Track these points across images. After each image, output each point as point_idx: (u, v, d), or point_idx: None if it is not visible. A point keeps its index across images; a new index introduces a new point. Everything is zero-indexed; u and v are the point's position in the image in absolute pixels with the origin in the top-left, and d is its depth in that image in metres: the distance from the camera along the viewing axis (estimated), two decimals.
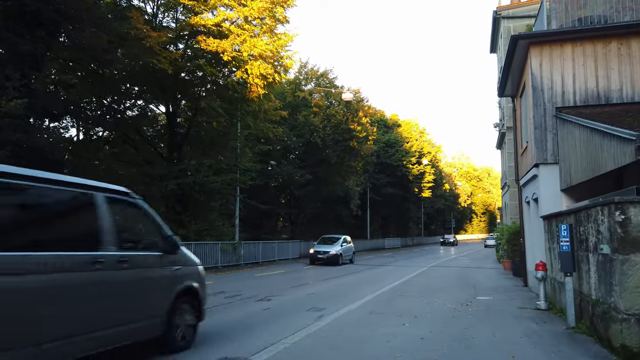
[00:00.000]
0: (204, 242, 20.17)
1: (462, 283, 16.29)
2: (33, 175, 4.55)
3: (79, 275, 4.77)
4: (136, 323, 5.53)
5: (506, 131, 26.01)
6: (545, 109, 11.92)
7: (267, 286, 14.89)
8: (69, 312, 4.62)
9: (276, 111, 26.68)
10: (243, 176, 23.70)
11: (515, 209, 25.44)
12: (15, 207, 4.52)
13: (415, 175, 51.64)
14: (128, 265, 5.42)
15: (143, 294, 5.73)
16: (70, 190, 5.04)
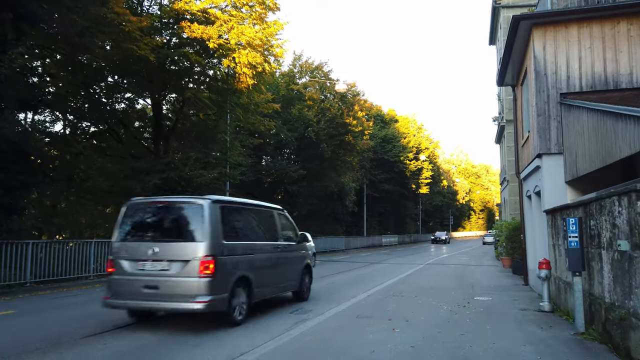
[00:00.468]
0: None
1: (459, 282, 15.46)
2: (248, 201, 9.83)
3: (271, 254, 9.30)
4: (290, 282, 10.20)
5: (506, 124, 25.19)
6: (548, 95, 11.06)
7: None
8: (269, 273, 9.07)
9: (268, 104, 25.78)
10: (233, 171, 22.80)
11: (515, 205, 24.64)
12: (241, 218, 8.95)
13: (412, 172, 50.80)
14: (287, 249, 10.15)
15: (292, 266, 10.29)
16: (265, 209, 10.10)
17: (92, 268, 14.42)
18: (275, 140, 30.57)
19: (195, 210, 7.57)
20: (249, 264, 8.27)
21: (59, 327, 7.85)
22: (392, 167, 48.55)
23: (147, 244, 7.57)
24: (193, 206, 7.67)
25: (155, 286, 7.26)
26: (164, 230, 7.97)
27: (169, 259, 7.34)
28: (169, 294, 7.23)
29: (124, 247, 7.75)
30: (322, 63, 33.27)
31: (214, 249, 7.37)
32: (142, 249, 7.53)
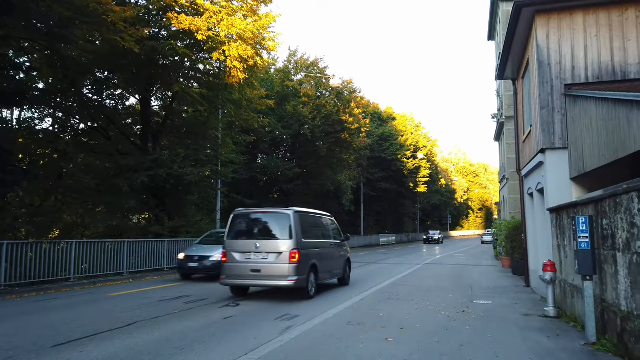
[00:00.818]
0: (179, 239, 18.63)
1: (458, 283, 14.84)
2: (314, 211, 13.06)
3: (328, 249, 12.46)
4: (338, 270, 13.27)
5: (505, 121, 24.57)
6: (552, 87, 10.43)
7: None
8: (327, 263, 12.13)
9: (261, 100, 25.14)
10: (225, 168, 22.14)
11: (514, 203, 24.03)
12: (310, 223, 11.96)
13: (410, 170, 50.16)
14: (336, 246, 13.38)
15: (339, 259, 13.48)
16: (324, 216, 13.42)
17: (73, 270, 13.72)
18: (270, 137, 29.89)
19: (284, 217, 10.92)
20: (316, 255, 11.58)
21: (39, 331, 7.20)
22: (389, 165, 47.90)
23: (251, 241, 10.83)
24: (282, 214, 11.03)
25: (258, 270, 10.56)
26: (262, 231, 11.09)
27: (268, 251, 10.61)
28: (269, 275, 10.55)
29: (234, 243, 11.00)
30: (317, 59, 32.64)
31: (297, 244, 10.63)
32: (248, 244, 10.81)
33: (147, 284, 14.44)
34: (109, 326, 7.81)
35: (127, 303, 10.44)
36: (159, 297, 11.38)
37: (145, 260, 16.76)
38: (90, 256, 14.41)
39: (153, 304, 10.29)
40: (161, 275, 16.70)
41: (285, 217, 10.85)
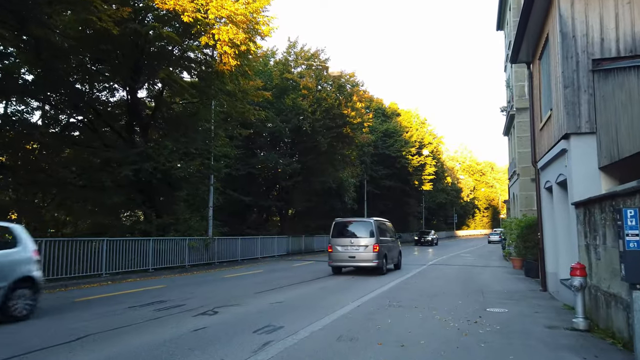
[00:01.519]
0: (166, 238, 17.37)
1: (467, 287, 13.48)
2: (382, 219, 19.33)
3: (390, 244, 17.97)
4: (395, 258, 18.43)
5: (516, 113, 23.16)
6: (578, 62, 9.07)
7: (227, 291, 12.11)
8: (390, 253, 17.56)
9: (258, 92, 23.85)
10: (217, 163, 20.86)
11: (526, 200, 22.64)
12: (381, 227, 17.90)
13: (415, 167, 48.66)
14: (394, 241, 18.76)
15: (395, 249, 18.62)
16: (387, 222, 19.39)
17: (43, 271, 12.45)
18: (268, 132, 28.58)
19: (368, 223, 16.65)
20: (386, 248, 16.82)
21: None
22: (393, 162, 46.46)
23: (347, 239, 16.23)
24: (367, 222, 16.89)
25: (353, 256, 15.94)
26: (354, 233, 16.40)
27: (359, 245, 15.92)
28: (360, 259, 15.91)
29: (336, 240, 16.31)
30: (318, 50, 31.21)
31: (377, 241, 15.86)
32: (345, 241, 16.16)
33: (126, 286, 13.19)
34: (53, 341, 6.55)
35: (91, 310, 9.18)
36: (132, 302, 10.11)
37: (127, 261, 15.52)
38: (62, 256, 13.16)
39: (119, 311, 9.01)
40: (145, 277, 15.44)
41: (368, 223, 16.83)
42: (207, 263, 19.68)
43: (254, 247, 23.95)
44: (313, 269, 19.28)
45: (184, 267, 18.15)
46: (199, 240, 19.12)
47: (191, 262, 18.64)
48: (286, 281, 14.66)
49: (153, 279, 15.08)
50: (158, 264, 16.84)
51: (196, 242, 18.77)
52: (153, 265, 16.55)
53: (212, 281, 14.77)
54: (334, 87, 31.00)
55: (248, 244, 23.40)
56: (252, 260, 23.20)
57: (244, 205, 28.91)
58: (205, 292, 11.85)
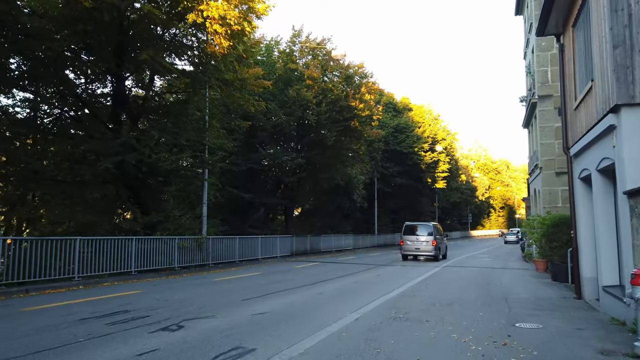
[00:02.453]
0: (152, 237, 15.81)
1: (487, 293, 11.67)
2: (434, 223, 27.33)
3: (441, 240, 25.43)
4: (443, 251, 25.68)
5: (538, 101, 21.18)
6: (630, 15, 7.26)
7: (209, 298, 10.48)
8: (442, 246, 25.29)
9: (258, 81, 22.22)
10: (212, 156, 19.27)
11: (549, 196, 20.67)
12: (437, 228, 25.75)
13: (428, 164, 46.60)
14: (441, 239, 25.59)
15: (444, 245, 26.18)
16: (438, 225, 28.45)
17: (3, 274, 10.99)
18: (271, 125, 26.91)
19: (429, 225, 24.13)
20: (439, 242, 23.77)
21: None
22: (405, 159, 44.49)
23: (414, 236, 23.27)
24: (428, 224, 24.44)
25: (418, 248, 23.12)
26: (419, 232, 23.32)
27: (421, 240, 23.06)
28: (423, 250, 23.11)
29: (406, 237, 23.38)
30: (324, 39, 29.51)
31: (434, 238, 22.92)
32: (413, 237, 23.23)
33: (97, 292, 11.63)
34: None
35: (32, 324, 7.60)
36: (88, 313, 8.53)
37: (106, 263, 13.97)
38: (29, 257, 11.65)
39: (64, 325, 7.42)
40: (125, 281, 13.88)
41: (429, 226, 24.09)
42: (201, 265, 18.10)
43: (254, 247, 22.31)
44: (316, 272, 17.60)
45: (173, 269, 16.58)
46: (191, 239, 17.53)
47: (182, 264, 17.06)
48: (282, 285, 12.99)
49: (133, 283, 13.51)
50: (143, 265, 15.28)
51: (187, 242, 17.18)
52: (137, 268, 15.00)
53: (198, 285, 13.16)
54: (341, 77, 29.24)
55: (247, 243, 21.76)
56: (252, 262, 21.57)
57: (246, 203, 27.32)
58: (182, 299, 10.23)
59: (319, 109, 26.91)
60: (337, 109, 27.96)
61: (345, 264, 21.76)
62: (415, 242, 23.21)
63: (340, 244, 33.27)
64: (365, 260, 24.60)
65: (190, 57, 17.86)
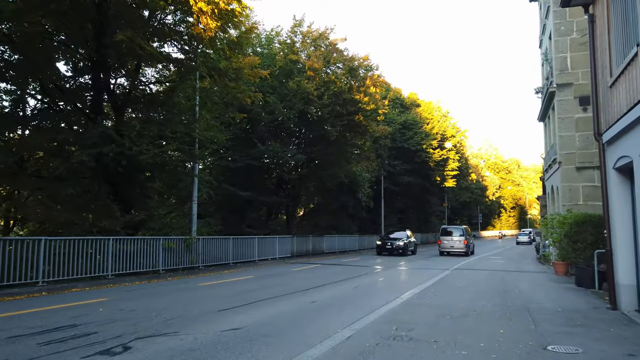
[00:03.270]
0: (133, 238, 14.41)
1: (505, 301, 10.12)
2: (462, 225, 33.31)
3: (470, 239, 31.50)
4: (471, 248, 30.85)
5: (556, 90, 19.53)
6: None
7: (181, 308, 9.03)
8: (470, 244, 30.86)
9: (254, 70, 20.78)
10: (202, 150, 17.87)
11: (569, 193, 19.00)
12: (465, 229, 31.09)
13: (437, 162, 44.85)
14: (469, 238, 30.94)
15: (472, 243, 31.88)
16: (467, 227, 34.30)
17: None
18: (270, 119, 25.42)
19: (461, 228, 30.33)
20: (469, 241, 29.68)
21: None
22: (413, 156, 42.81)
23: (449, 236, 29.20)
24: (460, 227, 30.85)
25: (452, 246, 28.95)
26: (452, 233, 29.38)
27: (455, 240, 28.94)
28: (456, 248, 28.76)
29: (443, 237, 29.35)
30: (327, 29, 28.05)
31: (465, 238, 28.89)
32: (448, 237, 29.16)
33: (60, 299, 10.25)
34: None
35: None
36: (31, 326, 7.14)
37: (77, 266, 12.60)
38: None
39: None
40: (99, 285, 12.49)
41: (461, 228, 29.65)
42: (189, 267, 16.69)
43: (250, 248, 20.85)
44: (314, 275, 16.12)
45: (158, 272, 15.19)
46: (178, 240, 16.12)
47: (168, 267, 15.67)
48: (272, 292, 11.53)
49: (106, 289, 12.11)
50: (122, 268, 13.90)
51: (173, 243, 15.77)
52: (114, 271, 13.61)
53: (177, 291, 11.72)
54: (344, 69, 27.71)
55: (243, 244, 20.31)
56: (248, 264, 20.12)
57: (244, 202, 25.90)
58: (150, 309, 8.80)
59: (320, 102, 25.41)
60: (340, 102, 26.43)
61: (348, 267, 20.27)
62: (450, 241, 28.99)
63: (344, 244, 31.74)
64: (370, 262, 23.07)
65: (177, 42, 16.50)
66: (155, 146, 14.66)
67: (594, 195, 18.59)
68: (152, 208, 15.83)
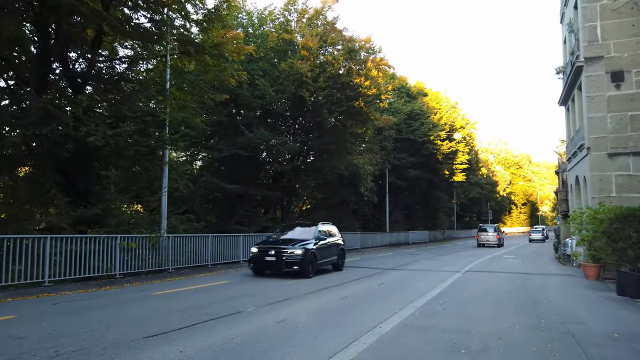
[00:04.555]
0: (82, 236, 12.02)
1: (536, 321, 7.60)
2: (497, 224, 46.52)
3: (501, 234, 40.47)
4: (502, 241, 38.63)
5: (584, 65, 16.89)
6: None
7: (99, 330, 6.63)
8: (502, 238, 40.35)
9: (238, 45, 18.37)
10: (173, 135, 15.45)
11: (599, 184, 16.35)
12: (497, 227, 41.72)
13: (445, 154, 42.10)
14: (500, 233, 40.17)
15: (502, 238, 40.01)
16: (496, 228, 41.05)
17: None
18: (259, 104, 22.88)
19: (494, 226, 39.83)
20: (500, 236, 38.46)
21: None
22: (419, 148, 40.12)
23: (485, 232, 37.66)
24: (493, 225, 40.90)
25: (488, 240, 36.76)
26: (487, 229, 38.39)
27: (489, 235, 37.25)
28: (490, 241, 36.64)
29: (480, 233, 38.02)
30: (324, 7, 25.49)
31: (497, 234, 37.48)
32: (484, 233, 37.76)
33: None
34: None
35: None
36: None
37: (3, 271, 10.23)
38: None
39: None
40: (28, 295, 10.10)
41: (494, 226, 39.82)
42: (156, 270, 14.30)
43: (234, 247, 18.42)
44: (300, 280, 13.65)
45: (113, 277, 12.80)
46: (141, 239, 13.72)
47: (127, 270, 13.26)
48: (239, 304, 9.09)
49: (34, 299, 9.74)
50: (65, 273, 11.55)
51: (134, 242, 13.37)
52: (53, 277, 11.25)
53: (117, 304, 9.28)
54: (343, 50, 25.15)
55: (225, 243, 17.88)
56: (231, 266, 17.68)
57: (235, 196, 23.47)
58: (47, 338, 6.37)
59: (315, 85, 22.88)
60: (338, 86, 23.88)
61: (346, 268, 17.81)
62: (486, 236, 37.13)
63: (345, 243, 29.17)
64: (370, 263, 20.61)
65: (144, 10, 14.08)
66: (108, 126, 12.21)
67: (629, 186, 15.98)
68: (109, 201, 13.42)
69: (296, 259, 13.63)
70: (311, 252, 14.11)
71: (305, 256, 13.73)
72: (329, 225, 17.34)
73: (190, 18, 15.12)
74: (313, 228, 15.78)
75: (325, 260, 15.33)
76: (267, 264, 13.97)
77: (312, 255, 14.11)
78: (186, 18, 14.35)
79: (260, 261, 14.05)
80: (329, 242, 15.97)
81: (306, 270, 13.73)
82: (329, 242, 15.97)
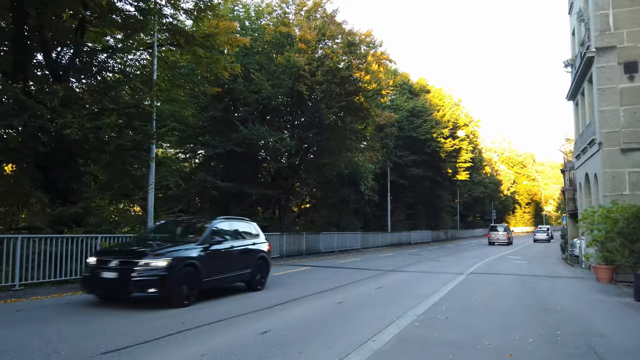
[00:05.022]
0: (57, 236, 11.19)
1: (551, 332, 6.75)
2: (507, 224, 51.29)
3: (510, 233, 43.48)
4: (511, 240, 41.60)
5: (596, 55, 15.98)
6: None
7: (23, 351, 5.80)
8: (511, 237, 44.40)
9: (231, 35, 17.55)
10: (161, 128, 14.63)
11: (612, 181, 15.44)
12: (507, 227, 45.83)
13: (448, 152, 41.19)
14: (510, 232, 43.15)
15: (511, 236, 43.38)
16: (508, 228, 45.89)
17: None
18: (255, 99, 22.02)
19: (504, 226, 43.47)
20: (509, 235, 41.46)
21: None
22: (422, 146, 39.22)
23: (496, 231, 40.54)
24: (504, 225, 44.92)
25: (498, 238, 39.46)
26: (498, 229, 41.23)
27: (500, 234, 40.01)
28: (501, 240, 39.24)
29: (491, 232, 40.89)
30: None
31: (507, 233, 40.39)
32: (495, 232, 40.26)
33: None
34: None
35: None
36: None
37: None
38: None
39: None
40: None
41: (504, 225, 43.23)
42: None
43: None
44: (294, 282, 12.83)
45: None
46: (125, 239, 12.89)
47: None
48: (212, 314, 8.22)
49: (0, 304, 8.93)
50: (38, 276, 10.73)
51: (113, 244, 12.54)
52: (24, 280, 10.44)
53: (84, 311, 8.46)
54: (342, 43, 24.28)
55: None
56: None
57: (230, 194, 22.65)
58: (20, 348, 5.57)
59: (313, 79, 22.02)
60: (337, 80, 23.03)
61: (343, 269, 17.00)
62: (497, 234, 39.77)
63: (344, 243, 28.36)
64: (371, 264, 19.73)
65: None
66: (87, 118, 11.38)
67: None
68: (89, 199, 12.60)
69: (153, 276, 8.05)
70: (188, 262, 8.63)
71: (172, 270, 8.19)
72: (241, 222, 11.27)
73: (179, 7, 14.29)
74: (206, 225, 9.90)
75: (224, 275, 9.80)
76: (102, 284, 8.35)
77: (189, 269, 8.64)
78: (175, 7, 13.52)
79: (92, 281, 8.48)
80: (234, 246, 10.17)
81: (172, 293, 8.31)
82: (234, 246, 10.17)
